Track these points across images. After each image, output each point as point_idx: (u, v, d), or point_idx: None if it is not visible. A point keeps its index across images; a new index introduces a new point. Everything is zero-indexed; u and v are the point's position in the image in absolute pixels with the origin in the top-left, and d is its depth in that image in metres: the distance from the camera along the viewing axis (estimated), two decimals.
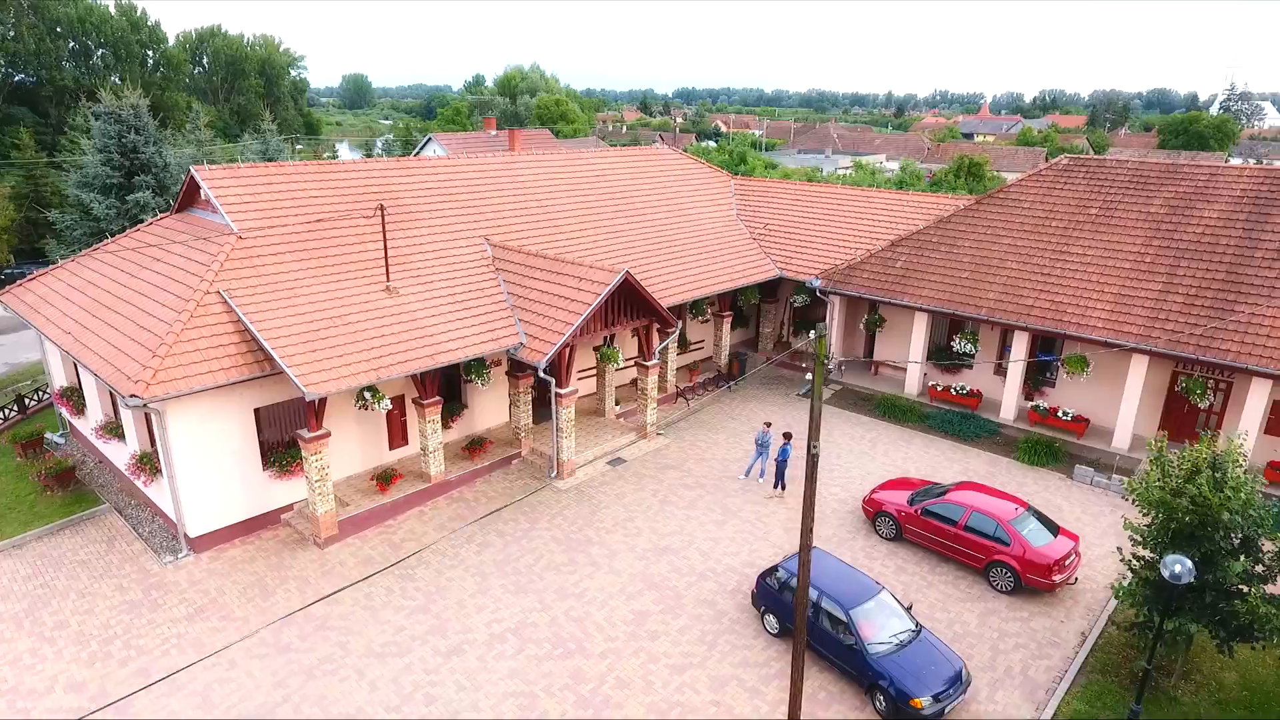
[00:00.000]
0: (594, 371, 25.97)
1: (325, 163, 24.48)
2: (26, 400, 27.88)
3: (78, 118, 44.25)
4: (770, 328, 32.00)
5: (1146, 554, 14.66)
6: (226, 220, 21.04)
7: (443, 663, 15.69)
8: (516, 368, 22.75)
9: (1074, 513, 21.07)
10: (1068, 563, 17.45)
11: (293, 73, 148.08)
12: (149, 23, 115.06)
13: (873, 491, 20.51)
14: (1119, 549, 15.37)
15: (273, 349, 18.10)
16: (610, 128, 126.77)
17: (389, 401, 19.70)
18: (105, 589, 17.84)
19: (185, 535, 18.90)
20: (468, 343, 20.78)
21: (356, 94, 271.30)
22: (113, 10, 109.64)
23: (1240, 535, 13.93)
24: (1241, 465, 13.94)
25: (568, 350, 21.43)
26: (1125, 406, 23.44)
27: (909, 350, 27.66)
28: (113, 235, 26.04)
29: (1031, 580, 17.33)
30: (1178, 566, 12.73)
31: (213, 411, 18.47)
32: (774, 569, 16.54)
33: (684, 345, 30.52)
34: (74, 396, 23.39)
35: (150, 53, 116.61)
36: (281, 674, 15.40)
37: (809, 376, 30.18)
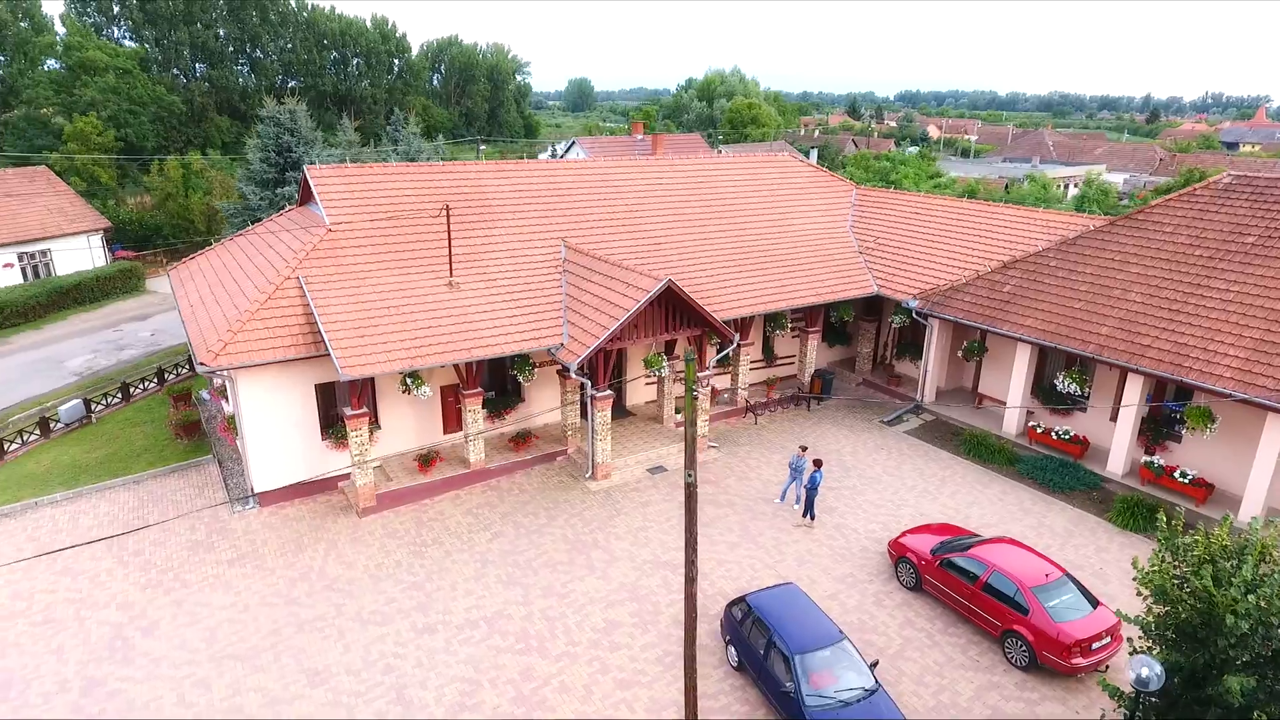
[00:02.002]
0: (657, 378, 25.95)
1: (425, 164, 26.48)
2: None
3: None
4: (868, 347, 30.08)
5: (1152, 647, 12.33)
6: (322, 214, 23.52)
7: (414, 638, 16.63)
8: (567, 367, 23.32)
9: None
10: (1097, 645, 15.02)
11: (518, 78, 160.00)
12: (397, 34, 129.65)
13: (901, 534, 18.82)
14: (1129, 639, 13.06)
15: (325, 331, 20.04)
16: (802, 131, 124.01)
17: (428, 389, 21.07)
18: (180, 527, 20.75)
19: (252, 490, 21.48)
20: (510, 339, 21.67)
21: (580, 97, 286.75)
22: (369, 24, 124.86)
23: (1273, 646, 11.35)
24: (1276, 562, 11.33)
25: (603, 354, 21.64)
26: (1256, 474, 19.56)
27: (1010, 384, 24.90)
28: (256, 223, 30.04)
29: (1047, 659, 15.12)
30: (1145, 670, 10.75)
31: (278, 384, 20.78)
32: (740, 599, 15.81)
33: (770, 359, 29.59)
34: None
35: (396, 61, 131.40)
36: (280, 623, 17.11)
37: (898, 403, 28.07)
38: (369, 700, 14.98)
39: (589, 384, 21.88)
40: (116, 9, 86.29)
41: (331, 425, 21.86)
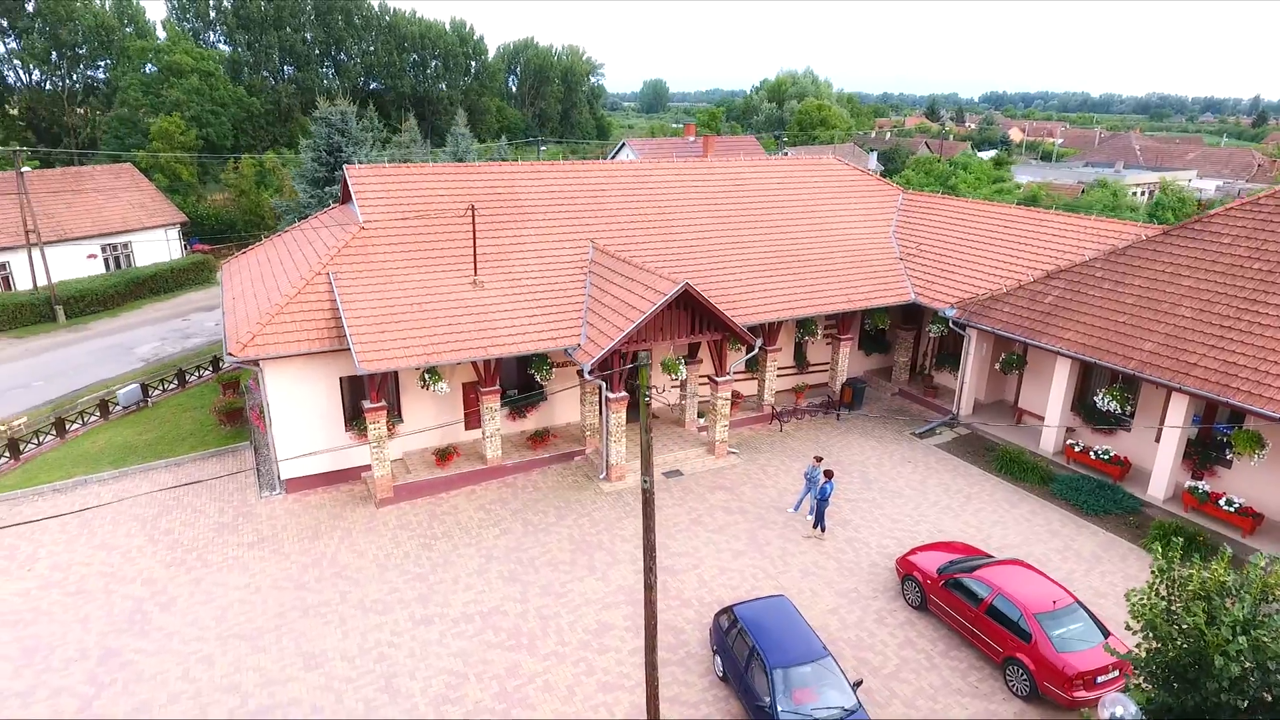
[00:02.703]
0: (678, 381, 25.77)
1: (461, 165, 26.99)
2: None
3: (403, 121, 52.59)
4: (906, 356, 29.16)
5: (1143, 685, 11.57)
6: (357, 212, 24.24)
7: (410, 628, 16.96)
8: None
9: None
10: (1102, 679, 14.18)
11: (591, 79, 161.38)
12: (474, 37, 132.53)
13: (911, 551, 18.20)
14: (1127, 676, 12.30)
15: (348, 326, 20.65)
16: (874, 133, 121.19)
17: (446, 385, 21.47)
18: (210, 509, 21.72)
19: (278, 476, 22.31)
20: (527, 338, 21.88)
21: (654, 98, 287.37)
22: (447, 27, 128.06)
23: (1275, 692, 10.51)
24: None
25: (619, 356, 21.61)
26: None
27: (1049, 400, 23.78)
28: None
29: (1048, 690, 14.38)
30: (1119, 709, 10.11)
31: (304, 375, 21.52)
32: (728, 609, 15.55)
33: (801, 365, 29.03)
34: None
35: (473, 63, 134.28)
36: (286, 607, 17.71)
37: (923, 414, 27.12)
38: (359, 687, 15.36)
39: (605, 385, 21.90)
40: (213, 14, 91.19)
41: (356, 417, 22.50)
